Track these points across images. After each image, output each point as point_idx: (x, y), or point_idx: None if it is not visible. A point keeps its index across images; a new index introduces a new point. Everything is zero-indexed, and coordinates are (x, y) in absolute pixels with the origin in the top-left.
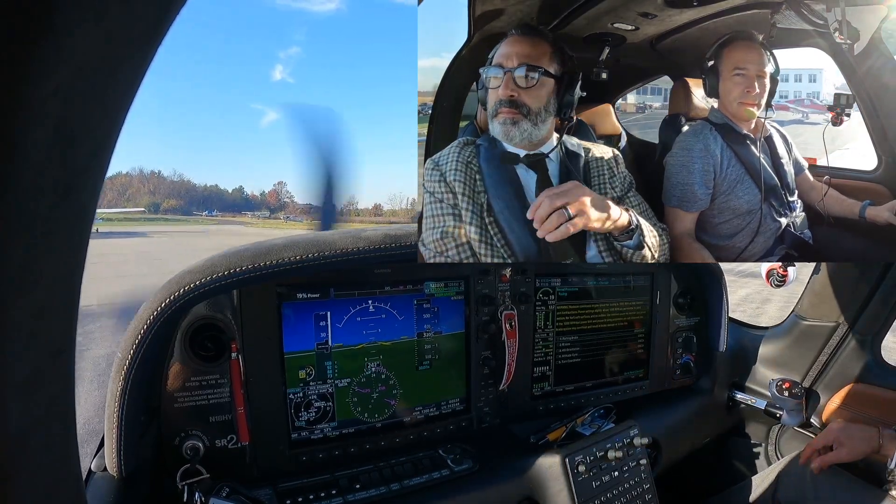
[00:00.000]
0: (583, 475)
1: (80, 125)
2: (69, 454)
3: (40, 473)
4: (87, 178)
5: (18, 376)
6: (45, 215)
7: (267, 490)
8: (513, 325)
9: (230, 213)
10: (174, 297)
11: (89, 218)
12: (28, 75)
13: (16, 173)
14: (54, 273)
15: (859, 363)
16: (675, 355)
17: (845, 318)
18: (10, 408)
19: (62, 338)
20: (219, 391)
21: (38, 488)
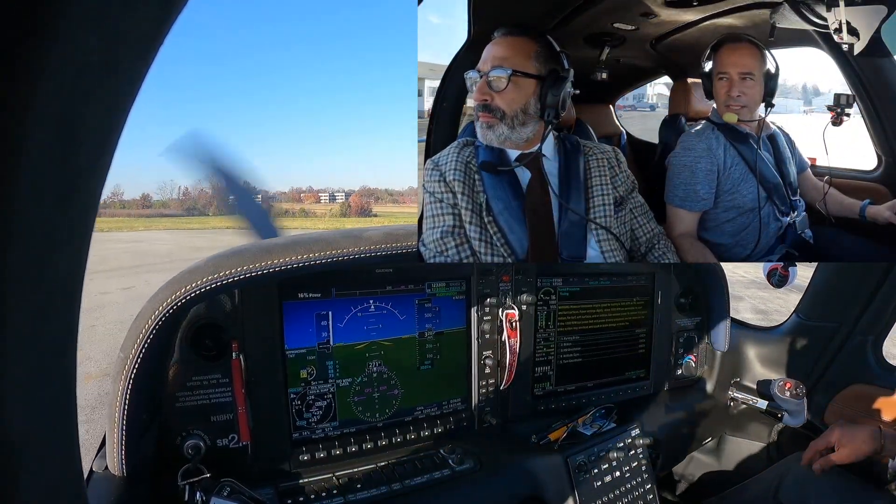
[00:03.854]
0: (584, 475)
1: (82, 125)
2: (70, 454)
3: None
4: (88, 179)
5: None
6: (46, 216)
7: (268, 489)
8: (514, 324)
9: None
10: (176, 297)
11: (91, 218)
12: (29, 75)
13: (17, 173)
14: (55, 273)
15: (861, 364)
16: (676, 355)
17: (847, 319)
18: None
19: (63, 338)
20: (220, 391)
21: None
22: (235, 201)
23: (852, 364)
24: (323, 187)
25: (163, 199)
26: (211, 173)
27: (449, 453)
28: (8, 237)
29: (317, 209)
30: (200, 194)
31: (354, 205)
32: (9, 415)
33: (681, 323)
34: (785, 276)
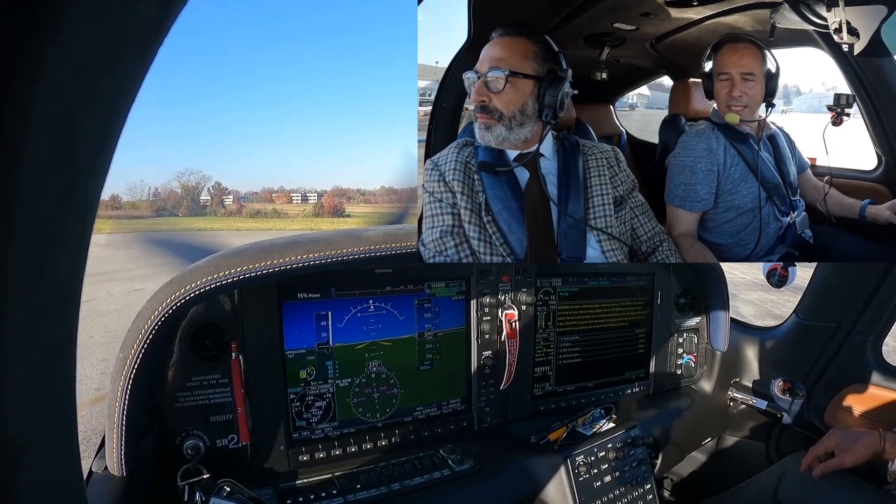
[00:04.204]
0: (583, 475)
1: (81, 125)
2: (70, 454)
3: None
4: (87, 179)
5: (19, 376)
6: (46, 216)
7: (267, 490)
8: (513, 325)
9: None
10: (176, 297)
11: (90, 218)
12: (29, 75)
13: (16, 173)
14: (55, 273)
15: (861, 364)
16: (675, 355)
17: (846, 319)
18: (10, 408)
19: (63, 338)
20: (220, 391)
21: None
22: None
23: (852, 364)
24: (295, 187)
25: (133, 201)
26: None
27: (448, 453)
28: (8, 237)
29: (289, 209)
30: (170, 195)
31: (327, 205)
32: (8, 415)
33: (680, 323)
34: (784, 276)
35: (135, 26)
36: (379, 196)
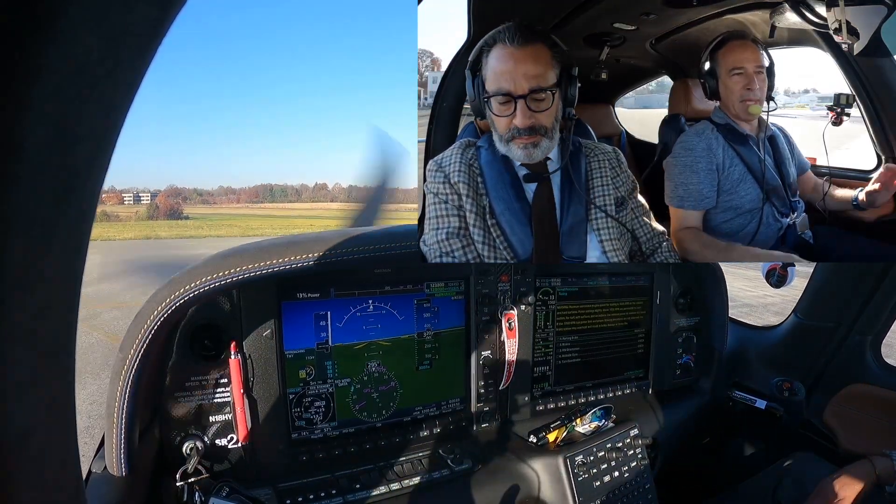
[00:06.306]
0: (583, 475)
1: (81, 125)
2: (69, 454)
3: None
4: (87, 179)
5: (18, 376)
6: (46, 216)
7: (267, 490)
8: (512, 324)
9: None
10: (175, 297)
11: (89, 218)
12: (28, 75)
13: (16, 173)
14: (54, 273)
15: (860, 363)
16: (675, 355)
17: (846, 319)
18: (9, 408)
19: (62, 338)
20: (219, 391)
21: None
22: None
23: (851, 364)
24: (127, 187)
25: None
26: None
27: (448, 453)
28: (6, 236)
29: (120, 211)
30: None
31: (162, 206)
32: (7, 414)
33: (680, 323)
34: (783, 276)
35: (134, 27)
36: (217, 196)
